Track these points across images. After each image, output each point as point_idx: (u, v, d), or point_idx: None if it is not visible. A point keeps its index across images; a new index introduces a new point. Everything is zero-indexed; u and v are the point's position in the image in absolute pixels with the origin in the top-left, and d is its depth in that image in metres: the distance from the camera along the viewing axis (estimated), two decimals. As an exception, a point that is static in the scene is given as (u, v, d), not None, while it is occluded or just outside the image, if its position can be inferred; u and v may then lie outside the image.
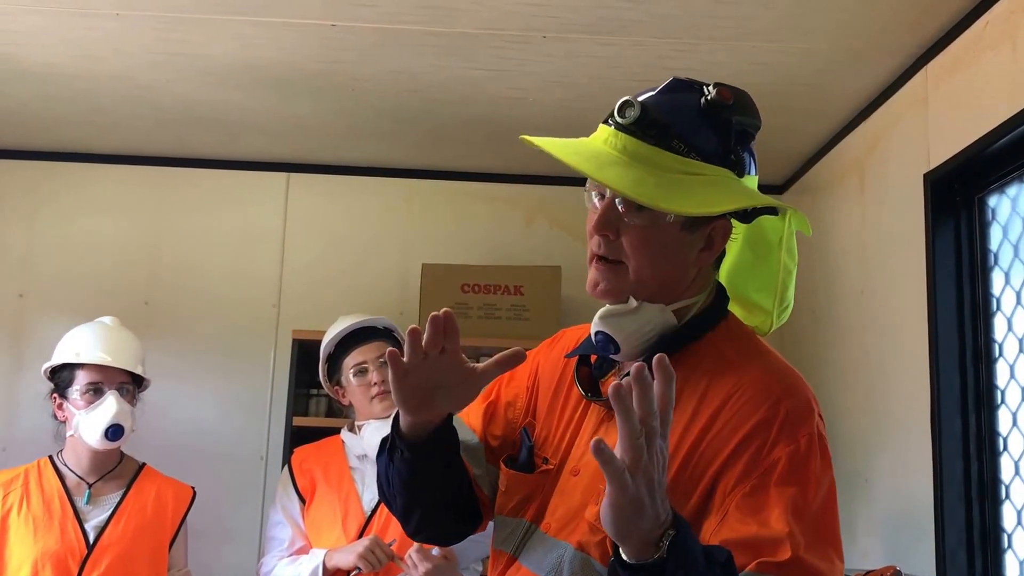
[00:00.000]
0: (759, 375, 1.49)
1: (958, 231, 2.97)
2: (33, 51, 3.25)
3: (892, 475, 3.21)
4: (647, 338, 1.53)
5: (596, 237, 1.54)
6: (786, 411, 1.45)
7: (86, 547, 3.01)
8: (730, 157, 1.53)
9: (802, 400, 1.48)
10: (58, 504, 3.05)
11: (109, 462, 3.16)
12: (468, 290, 3.92)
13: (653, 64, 3.19)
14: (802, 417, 1.46)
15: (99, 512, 3.08)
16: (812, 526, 1.39)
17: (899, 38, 2.99)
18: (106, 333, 3.21)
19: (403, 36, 3.07)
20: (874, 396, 3.36)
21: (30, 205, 4.19)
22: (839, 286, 3.69)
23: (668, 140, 1.49)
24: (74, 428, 3.07)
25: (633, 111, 1.50)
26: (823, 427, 1.49)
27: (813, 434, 1.46)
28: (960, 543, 2.83)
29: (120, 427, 3.05)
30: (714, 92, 1.53)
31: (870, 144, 3.45)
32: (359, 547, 2.95)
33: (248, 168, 4.27)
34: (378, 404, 3.18)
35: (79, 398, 3.07)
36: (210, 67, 3.33)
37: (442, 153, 4.10)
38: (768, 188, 4.30)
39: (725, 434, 1.45)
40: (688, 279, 1.56)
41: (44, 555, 2.96)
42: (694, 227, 1.53)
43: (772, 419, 1.44)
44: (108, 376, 3.10)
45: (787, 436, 1.43)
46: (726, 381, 1.49)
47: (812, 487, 1.42)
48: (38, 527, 3.00)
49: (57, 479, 3.09)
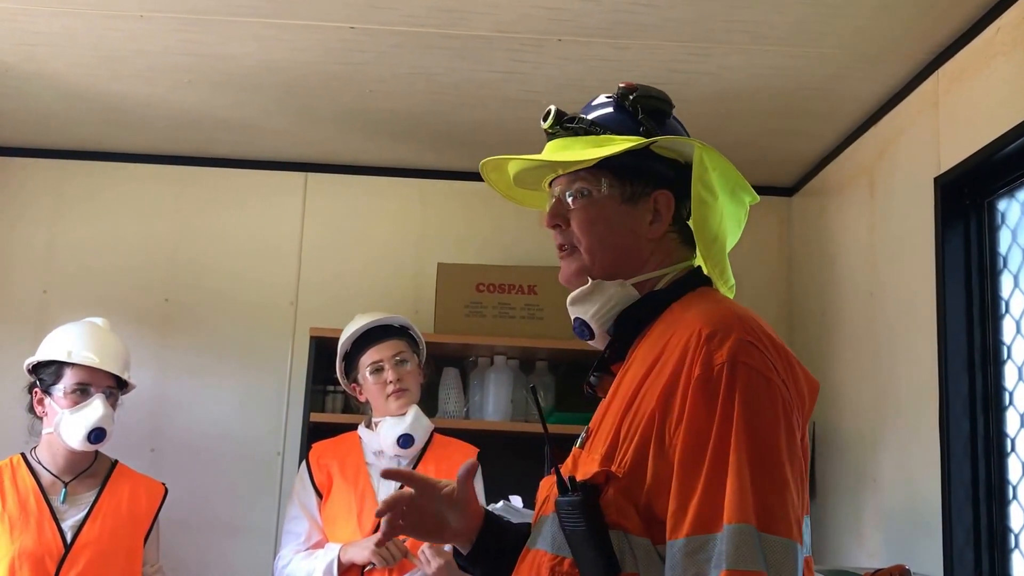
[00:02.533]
0: (693, 317, 1.52)
1: (967, 234, 2.96)
2: (58, 52, 3.27)
3: (900, 475, 3.21)
4: (611, 314, 1.62)
5: (552, 231, 1.68)
6: (703, 336, 1.46)
7: (63, 546, 2.98)
8: (640, 129, 1.67)
9: (720, 326, 1.47)
10: (34, 503, 3.01)
11: (84, 461, 3.14)
12: (483, 289, 3.92)
13: (667, 68, 3.19)
14: (719, 341, 1.45)
15: (75, 511, 3.06)
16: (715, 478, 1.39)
17: (911, 43, 2.99)
18: (97, 334, 3.19)
19: (420, 38, 3.08)
20: (883, 397, 3.35)
21: (53, 203, 4.21)
22: (849, 288, 3.68)
23: (588, 126, 1.67)
24: (54, 426, 3.04)
25: (551, 114, 1.68)
26: (758, 358, 1.46)
27: (733, 362, 1.43)
28: (968, 542, 2.83)
29: (103, 431, 3.03)
30: (621, 85, 1.71)
31: (881, 148, 3.44)
32: (374, 542, 2.98)
33: (267, 168, 4.28)
34: (394, 402, 3.21)
35: (63, 397, 3.04)
36: (230, 68, 3.35)
37: (457, 154, 4.10)
38: (778, 191, 4.32)
39: (656, 380, 1.49)
40: (645, 252, 1.65)
41: (21, 555, 2.93)
42: (634, 200, 1.64)
43: (687, 346, 1.47)
44: (96, 378, 3.09)
45: (702, 361, 1.44)
46: (670, 336, 1.53)
47: (724, 423, 1.41)
48: (14, 526, 2.96)
49: (31, 477, 3.06)
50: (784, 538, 1.36)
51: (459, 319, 3.88)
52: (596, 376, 1.67)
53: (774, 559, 1.35)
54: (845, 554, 3.57)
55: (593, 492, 1.46)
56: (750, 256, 1.61)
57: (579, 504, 1.45)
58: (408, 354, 3.28)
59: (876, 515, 3.37)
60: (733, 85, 3.30)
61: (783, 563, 1.35)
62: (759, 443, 1.39)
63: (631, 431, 1.48)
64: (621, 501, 1.45)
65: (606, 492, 1.47)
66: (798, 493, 1.42)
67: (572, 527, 1.47)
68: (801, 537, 1.40)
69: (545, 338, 3.84)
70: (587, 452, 1.55)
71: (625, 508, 1.45)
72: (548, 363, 4.01)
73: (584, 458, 1.55)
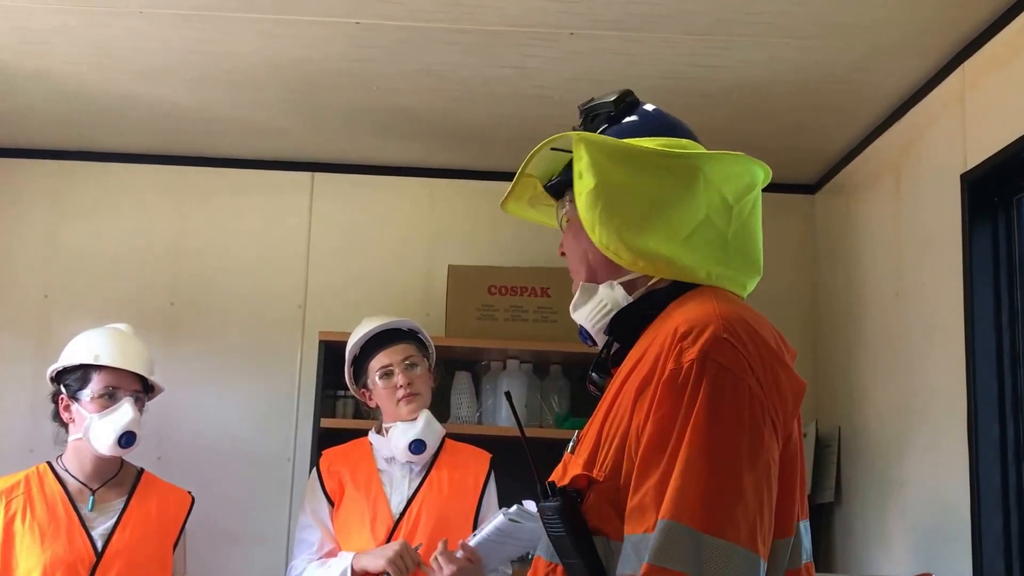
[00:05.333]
0: (678, 316, 1.50)
1: (995, 233, 2.94)
2: (57, 50, 3.26)
3: (927, 481, 3.18)
4: (603, 314, 1.62)
5: None
6: (679, 333, 1.45)
7: (95, 554, 3.00)
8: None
9: (698, 323, 1.45)
10: (62, 511, 3.04)
11: (111, 468, 3.15)
12: (495, 292, 3.90)
13: (682, 62, 3.16)
14: (693, 338, 1.43)
15: (104, 519, 3.08)
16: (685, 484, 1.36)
17: (936, 36, 2.96)
18: (122, 339, 3.22)
19: (428, 34, 3.06)
20: (909, 400, 3.32)
21: (53, 206, 4.20)
22: (873, 288, 3.65)
23: None
24: (83, 432, 3.06)
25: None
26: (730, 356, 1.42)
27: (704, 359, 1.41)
28: (998, 551, 2.80)
29: (133, 434, 3.05)
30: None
31: (905, 144, 3.41)
32: (388, 551, 2.98)
33: (272, 168, 4.26)
34: (404, 406, 3.19)
35: (91, 401, 3.06)
36: (234, 66, 3.33)
37: (468, 152, 4.09)
38: (800, 188, 4.28)
39: (633, 381, 1.49)
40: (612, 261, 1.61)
41: (54, 562, 2.96)
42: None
43: (664, 345, 1.46)
44: (124, 382, 3.11)
45: (674, 358, 1.43)
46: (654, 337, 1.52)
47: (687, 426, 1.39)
48: (44, 535, 2.99)
49: (58, 485, 3.08)
50: (729, 542, 1.33)
51: (471, 322, 3.87)
52: (600, 377, 1.66)
53: (713, 564, 1.32)
54: (872, 560, 3.55)
55: (572, 497, 1.48)
56: (771, 256, 1.56)
57: (557, 510, 1.47)
58: (418, 358, 3.26)
59: (902, 522, 3.34)
60: (752, 80, 3.28)
61: (723, 568, 1.32)
62: (715, 443, 1.37)
63: (611, 434, 1.48)
64: (603, 506, 1.46)
65: (588, 497, 1.48)
66: (760, 499, 1.38)
67: (555, 533, 1.48)
68: (758, 546, 1.35)
69: (559, 341, 3.83)
70: (576, 457, 1.56)
71: (606, 513, 1.45)
72: (562, 367, 3.99)
73: (572, 463, 1.55)
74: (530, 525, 2.61)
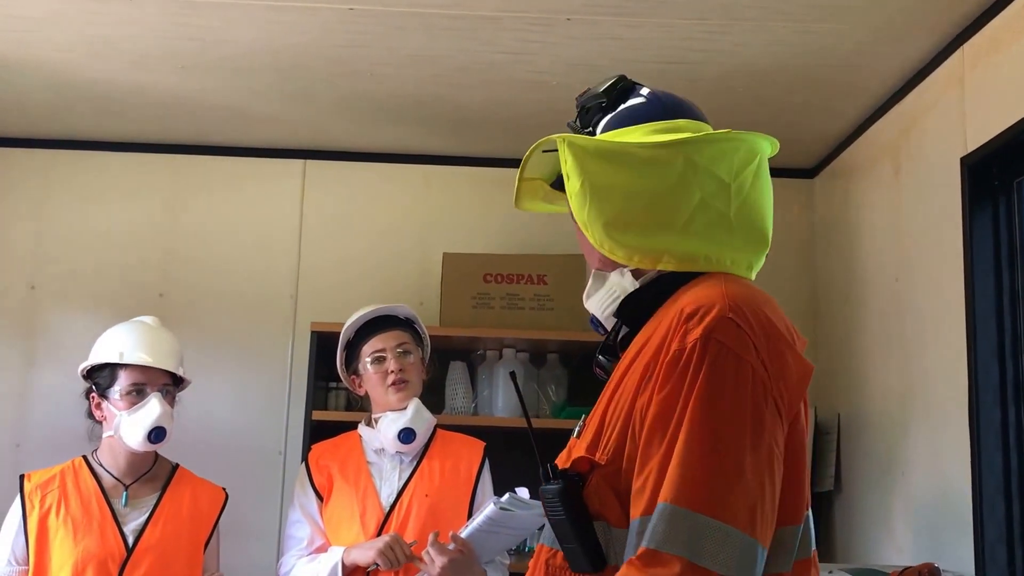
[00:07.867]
0: (685, 299, 1.50)
1: (996, 217, 2.93)
2: (45, 37, 3.23)
3: (929, 468, 3.17)
4: (612, 300, 1.62)
5: None
6: (684, 314, 1.45)
7: (125, 550, 3.01)
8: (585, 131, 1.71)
9: (704, 304, 1.45)
10: (96, 506, 3.04)
11: (145, 464, 3.15)
12: (490, 280, 3.87)
13: (680, 46, 3.15)
14: (698, 319, 1.43)
15: (137, 514, 3.08)
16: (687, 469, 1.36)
17: (935, 16, 2.94)
18: (149, 333, 3.20)
19: (423, 19, 3.04)
20: (910, 386, 3.31)
21: (40, 194, 4.17)
22: (873, 273, 3.65)
23: None
24: (115, 429, 3.06)
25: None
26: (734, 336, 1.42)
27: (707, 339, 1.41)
28: (1000, 538, 2.80)
29: (163, 429, 3.05)
30: None
31: (905, 127, 3.40)
32: (379, 543, 2.94)
33: (264, 155, 4.24)
34: (394, 394, 3.16)
35: (120, 399, 3.05)
36: (225, 52, 3.31)
37: (463, 139, 4.07)
38: (798, 172, 4.27)
39: (639, 363, 1.49)
40: None
41: (85, 557, 2.96)
42: None
43: (670, 327, 1.46)
44: (151, 377, 3.09)
45: (679, 339, 1.43)
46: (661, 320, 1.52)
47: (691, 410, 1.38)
48: (78, 529, 3.00)
49: (93, 480, 3.09)
50: (726, 524, 1.32)
51: (466, 311, 3.85)
52: (608, 361, 1.65)
53: (708, 545, 1.31)
54: (873, 549, 3.54)
55: (573, 480, 1.48)
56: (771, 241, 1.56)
57: (558, 492, 1.46)
58: (411, 346, 3.24)
59: (905, 508, 3.34)
60: (749, 63, 3.27)
61: (719, 551, 1.31)
62: (715, 423, 1.37)
63: (615, 416, 1.48)
64: (604, 490, 1.45)
65: (590, 481, 1.47)
66: (761, 482, 1.36)
67: (555, 517, 1.47)
68: (756, 530, 1.34)
69: (556, 330, 3.82)
70: (580, 441, 1.56)
71: (607, 498, 1.45)
72: (559, 356, 3.97)
73: (576, 447, 1.55)
74: (523, 513, 2.59)
